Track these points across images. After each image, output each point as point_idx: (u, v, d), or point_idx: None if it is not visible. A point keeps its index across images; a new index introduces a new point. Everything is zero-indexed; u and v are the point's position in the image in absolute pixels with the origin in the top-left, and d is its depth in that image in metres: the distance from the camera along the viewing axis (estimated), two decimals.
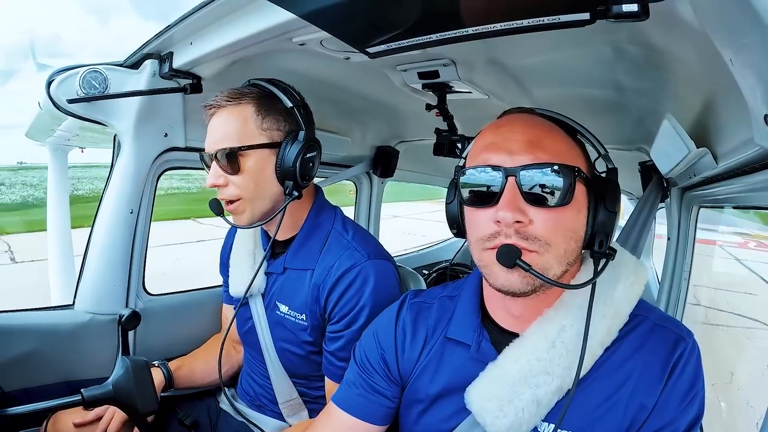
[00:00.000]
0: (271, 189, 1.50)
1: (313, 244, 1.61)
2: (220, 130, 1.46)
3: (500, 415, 0.99)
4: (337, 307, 1.51)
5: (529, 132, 1.00)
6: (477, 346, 1.10)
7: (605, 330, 1.00)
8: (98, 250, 1.79)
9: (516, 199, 0.94)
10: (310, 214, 1.64)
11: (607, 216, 1.00)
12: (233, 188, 1.47)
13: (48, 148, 3.87)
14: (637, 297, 1.05)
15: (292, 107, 1.51)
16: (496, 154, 0.98)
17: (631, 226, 1.84)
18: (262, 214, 1.52)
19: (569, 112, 1.12)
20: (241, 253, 1.77)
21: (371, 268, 1.52)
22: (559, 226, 0.95)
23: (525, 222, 0.94)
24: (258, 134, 1.47)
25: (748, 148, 0.93)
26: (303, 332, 1.60)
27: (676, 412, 0.95)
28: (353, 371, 1.27)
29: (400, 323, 1.24)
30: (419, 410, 1.17)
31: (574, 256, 1.00)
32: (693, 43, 0.97)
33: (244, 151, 1.44)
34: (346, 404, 1.23)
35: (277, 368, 1.70)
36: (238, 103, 1.47)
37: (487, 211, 0.98)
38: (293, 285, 1.62)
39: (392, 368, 1.22)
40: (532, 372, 0.99)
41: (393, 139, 2.95)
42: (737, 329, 6.75)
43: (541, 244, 0.94)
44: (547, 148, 0.97)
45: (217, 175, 1.47)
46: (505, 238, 0.95)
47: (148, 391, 1.18)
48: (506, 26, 0.96)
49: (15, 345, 1.61)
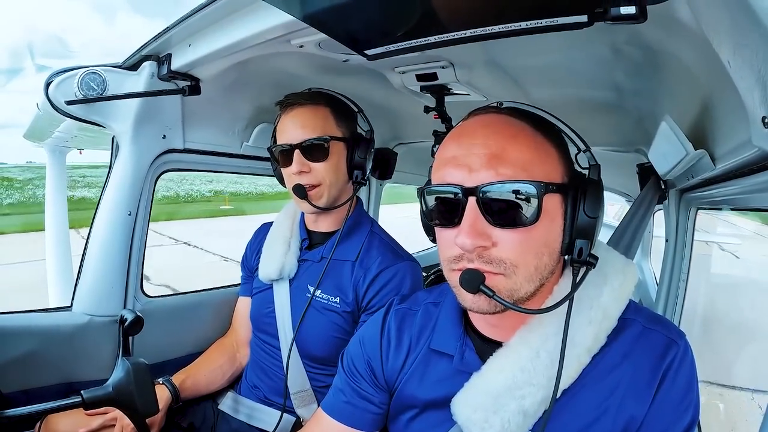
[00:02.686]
0: (344, 178, 1.72)
1: (354, 240, 1.77)
2: (306, 125, 1.65)
3: (486, 427, 0.95)
4: (377, 297, 1.66)
5: (492, 142, 0.92)
6: (461, 357, 1.07)
7: (592, 336, 0.95)
8: (96, 251, 1.78)
9: (477, 223, 0.89)
10: (352, 215, 1.78)
11: (586, 222, 0.93)
12: (315, 175, 1.66)
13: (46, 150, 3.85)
14: (626, 299, 1.01)
15: (357, 112, 1.75)
16: (456, 170, 0.93)
17: (625, 227, 1.84)
18: (334, 199, 1.72)
19: (567, 114, 1.10)
20: (277, 240, 1.85)
21: (408, 268, 1.70)
22: (526, 246, 0.90)
23: (488, 245, 0.89)
24: (336, 130, 1.69)
25: (746, 150, 0.92)
26: (332, 313, 1.71)
27: (672, 419, 0.93)
28: (341, 378, 1.27)
29: (386, 330, 1.22)
30: (407, 419, 1.15)
31: (548, 270, 0.95)
32: (691, 44, 0.97)
33: (328, 142, 1.64)
34: (333, 411, 1.23)
35: (293, 354, 1.73)
36: (317, 103, 1.67)
37: (451, 231, 0.94)
38: (330, 272, 1.73)
39: (378, 375, 1.21)
40: (516, 383, 0.95)
41: (391, 142, 2.95)
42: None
43: (506, 266, 0.90)
44: (511, 160, 0.90)
45: (301, 163, 1.64)
46: (468, 263, 0.91)
47: (148, 392, 1.17)
48: (504, 28, 0.96)
49: (14, 346, 1.61)
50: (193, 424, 1.81)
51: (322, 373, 1.74)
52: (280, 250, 1.81)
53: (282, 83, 1.90)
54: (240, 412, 1.84)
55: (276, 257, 1.80)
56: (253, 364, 1.90)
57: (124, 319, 1.24)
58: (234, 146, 2.14)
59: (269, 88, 1.98)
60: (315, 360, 1.74)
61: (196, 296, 2.16)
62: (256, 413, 1.80)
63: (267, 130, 2.11)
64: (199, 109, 1.91)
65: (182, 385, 1.77)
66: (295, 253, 1.80)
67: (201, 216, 26.48)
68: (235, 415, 1.84)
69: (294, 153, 1.64)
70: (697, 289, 6.43)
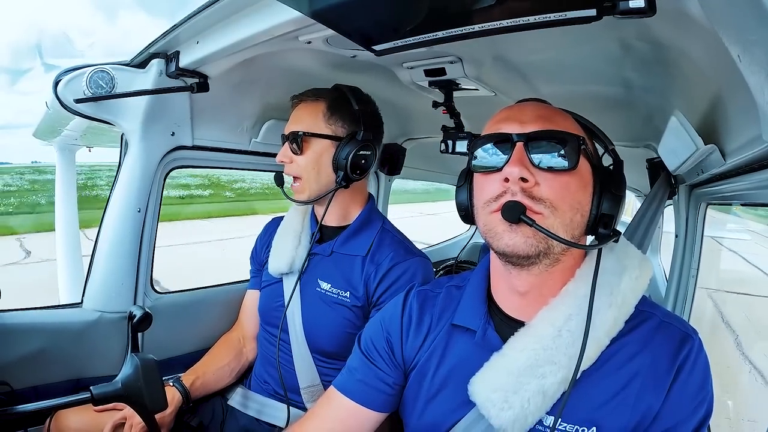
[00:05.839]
0: (326, 175, 1.71)
1: (365, 235, 1.78)
2: (296, 118, 1.71)
3: (505, 407, 0.98)
4: (388, 292, 1.66)
5: (541, 110, 1.05)
6: (483, 333, 1.10)
7: (612, 320, 0.99)
8: (106, 248, 1.79)
9: (523, 160, 0.97)
10: (363, 211, 1.82)
11: (612, 198, 1.01)
12: (295, 166, 1.71)
13: (55, 148, 3.88)
14: (642, 290, 1.05)
15: (358, 110, 1.71)
16: (507, 124, 1.03)
17: (638, 223, 1.83)
18: (316, 194, 1.73)
19: (576, 109, 1.12)
20: (287, 234, 1.87)
21: (420, 264, 1.71)
22: (565, 192, 0.98)
23: (531, 182, 0.96)
24: (324, 127, 1.69)
25: (757, 145, 0.92)
26: (341, 307, 1.72)
27: (686, 412, 0.95)
28: (357, 358, 1.28)
29: (407, 309, 1.25)
30: (424, 401, 1.16)
31: (579, 231, 1.01)
32: (701, 39, 0.97)
33: (307, 137, 1.67)
34: (347, 389, 1.24)
35: (303, 348, 1.75)
36: (315, 100, 1.71)
37: (496, 174, 1.01)
38: (340, 267, 1.76)
39: (396, 353, 1.22)
40: (537, 361, 0.98)
41: (400, 137, 2.95)
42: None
43: (546, 205, 0.96)
44: (557, 122, 1.02)
45: (284, 153, 1.72)
46: (511, 196, 0.97)
47: (157, 389, 1.17)
48: (513, 23, 0.96)
49: (24, 343, 1.62)
50: (203, 423, 1.82)
51: (332, 368, 1.74)
52: (291, 243, 1.83)
53: (290, 80, 1.90)
54: (250, 408, 1.84)
55: (286, 251, 1.81)
56: (262, 358, 1.91)
57: (133, 315, 1.24)
58: (243, 143, 2.14)
59: (277, 84, 1.98)
60: (325, 355, 1.74)
61: (205, 292, 2.17)
62: (266, 408, 1.81)
63: (275, 127, 2.13)
64: (208, 106, 1.91)
65: (192, 386, 1.78)
66: (306, 247, 1.81)
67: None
68: (244, 410, 1.85)
69: (285, 143, 1.72)
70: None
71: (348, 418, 1.22)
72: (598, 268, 1.02)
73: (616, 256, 1.06)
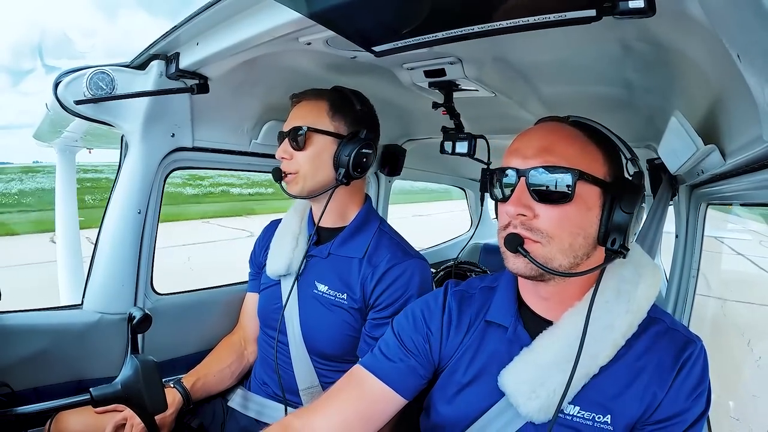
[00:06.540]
0: (325, 172, 1.69)
1: (362, 237, 1.77)
2: (297, 115, 1.70)
3: (533, 397, 1.08)
4: (385, 294, 1.65)
5: (545, 139, 1.11)
6: (514, 329, 1.20)
7: (627, 324, 1.09)
8: (107, 249, 1.79)
9: (523, 197, 1.07)
10: (360, 212, 1.81)
11: (621, 216, 1.06)
12: (294, 162, 1.69)
13: (56, 149, 3.87)
14: (654, 297, 1.14)
15: (360, 110, 1.72)
16: (514, 158, 1.12)
17: (647, 227, 1.85)
18: (310, 190, 1.71)
19: (577, 110, 1.16)
20: (285, 236, 1.87)
21: (417, 265, 1.70)
22: (563, 221, 1.06)
23: (529, 216, 1.06)
24: (328, 123, 1.68)
25: (757, 145, 0.92)
26: (339, 309, 1.71)
27: (685, 404, 1.06)
28: (392, 344, 1.31)
29: (447, 308, 1.32)
30: (455, 390, 1.23)
31: (583, 251, 1.09)
32: (701, 39, 0.97)
33: (311, 133, 1.66)
34: (379, 371, 1.26)
35: (301, 350, 1.75)
36: (317, 98, 1.70)
37: (506, 205, 1.11)
38: (337, 269, 1.75)
39: (434, 350, 1.29)
40: (564, 357, 1.08)
41: (400, 138, 2.95)
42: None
43: (543, 236, 1.06)
44: (557, 153, 1.08)
45: (284, 149, 1.69)
46: (513, 228, 1.08)
47: (157, 390, 1.17)
48: (512, 24, 0.96)
49: (24, 344, 1.62)
50: (203, 425, 1.82)
51: (331, 370, 1.74)
52: (288, 245, 1.82)
53: (290, 81, 1.90)
54: (250, 409, 1.84)
55: (284, 253, 1.81)
56: (262, 360, 1.91)
57: (133, 316, 1.24)
58: (243, 144, 2.14)
59: (277, 85, 1.98)
60: (323, 357, 1.74)
61: (205, 293, 2.17)
62: (266, 410, 1.81)
63: (275, 128, 2.11)
64: (208, 107, 1.91)
65: (193, 387, 1.78)
66: (303, 249, 1.81)
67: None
68: (244, 411, 1.85)
69: (284, 140, 1.70)
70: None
71: (377, 401, 1.25)
72: (600, 278, 1.12)
73: (633, 265, 1.16)
